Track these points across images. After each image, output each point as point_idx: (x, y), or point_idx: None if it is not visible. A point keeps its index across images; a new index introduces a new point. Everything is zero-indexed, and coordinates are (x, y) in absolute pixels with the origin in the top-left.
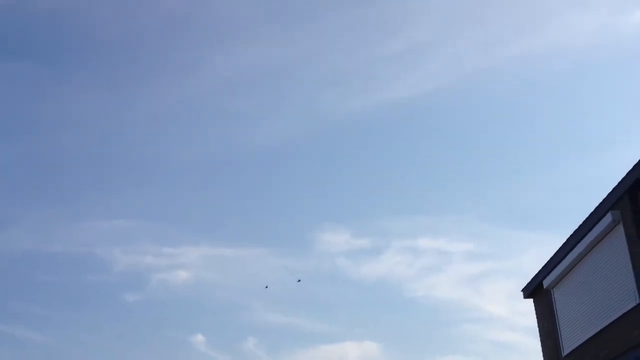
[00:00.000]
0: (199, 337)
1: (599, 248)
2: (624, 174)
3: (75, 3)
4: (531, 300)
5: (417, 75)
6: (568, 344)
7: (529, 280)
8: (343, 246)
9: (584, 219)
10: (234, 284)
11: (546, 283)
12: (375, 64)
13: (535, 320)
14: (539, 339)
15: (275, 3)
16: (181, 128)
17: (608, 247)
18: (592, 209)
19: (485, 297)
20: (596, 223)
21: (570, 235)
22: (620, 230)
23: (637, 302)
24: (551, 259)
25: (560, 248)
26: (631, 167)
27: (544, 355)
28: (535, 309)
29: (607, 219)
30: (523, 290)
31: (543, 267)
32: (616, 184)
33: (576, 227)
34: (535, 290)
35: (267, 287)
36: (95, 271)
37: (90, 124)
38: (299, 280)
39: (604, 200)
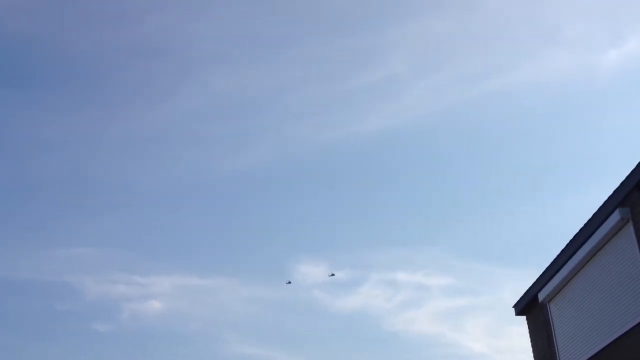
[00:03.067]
0: None
1: (604, 251)
2: (633, 167)
3: (51, 28)
4: (524, 317)
5: (393, 107)
6: None
7: (521, 295)
8: (319, 278)
9: (588, 219)
10: (207, 315)
11: (542, 296)
12: (351, 95)
13: (529, 339)
14: None
15: (252, 32)
16: (154, 154)
17: (615, 250)
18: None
19: (465, 332)
20: (602, 223)
21: (571, 240)
22: (629, 230)
23: None
24: (547, 268)
25: (559, 255)
26: None
27: None
28: (529, 327)
29: (615, 217)
30: (515, 306)
31: (538, 279)
32: (624, 177)
33: (579, 228)
34: (528, 305)
35: (289, 282)
36: (65, 300)
37: (61, 148)
38: (289, 282)
39: (611, 196)
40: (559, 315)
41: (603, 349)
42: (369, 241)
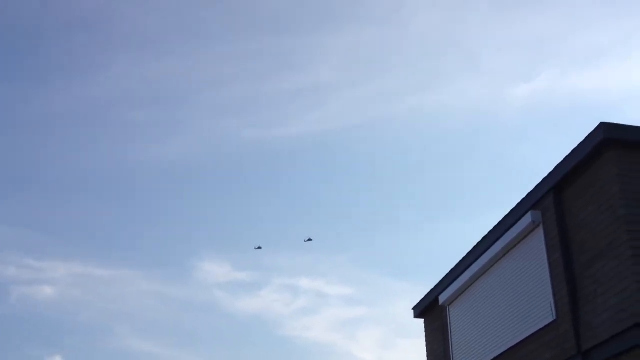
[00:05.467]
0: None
1: (513, 254)
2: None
3: None
4: (421, 320)
5: (317, 114)
6: None
7: (422, 296)
8: (222, 277)
9: (499, 221)
10: (102, 306)
11: (443, 298)
12: (278, 97)
13: (425, 343)
14: None
15: (188, 22)
16: (72, 133)
17: (524, 253)
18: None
19: (357, 342)
20: (513, 225)
21: (480, 241)
22: (539, 234)
23: (553, 318)
24: (453, 269)
25: (465, 257)
26: (559, 162)
27: None
28: (425, 330)
29: (526, 220)
30: (414, 308)
31: (442, 280)
32: (540, 180)
33: (490, 229)
34: (428, 308)
35: (260, 247)
36: None
37: None
38: (259, 248)
39: (524, 199)
40: (457, 319)
41: (502, 354)
42: (275, 244)
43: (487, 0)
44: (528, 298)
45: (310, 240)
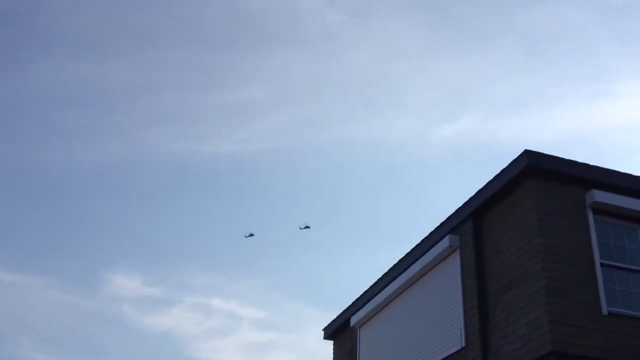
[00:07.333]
0: None
1: (428, 278)
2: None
3: None
4: (331, 342)
5: (242, 133)
6: None
7: (333, 317)
8: (132, 292)
9: (417, 243)
10: (3, 313)
11: (354, 320)
12: (206, 112)
13: None
14: None
15: (125, 26)
16: None
17: (439, 278)
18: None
19: None
20: (430, 248)
21: (397, 263)
22: (456, 259)
23: (462, 345)
24: (367, 291)
25: (381, 278)
26: (479, 188)
27: None
28: (334, 352)
29: (444, 243)
30: (325, 329)
31: (355, 302)
32: (461, 204)
33: (407, 250)
34: (338, 329)
35: (252, 234)
36: None
37: None
38: (251, 235)
39: (444, 222)
40: (367, 341)
41: None
42: (190, 262)
43: (417, 41)
44: (439, 323)
45: (252, 235)
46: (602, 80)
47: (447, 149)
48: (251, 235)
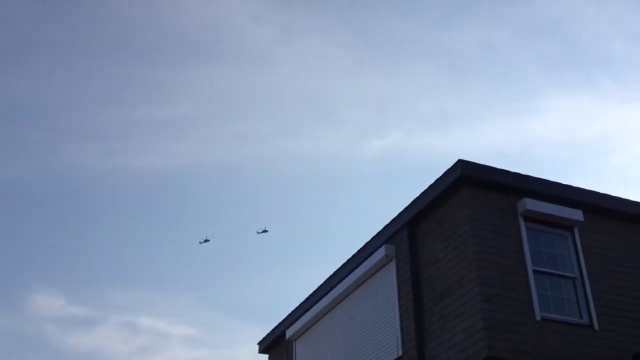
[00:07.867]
0: None
1: (364, 288)
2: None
3: None
4: (266, 356)
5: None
6: None
7: (269, 331)
8: (54, 311)
9: (354, 253)
10: None
11: (289, 333)
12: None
13: None
14: None
15: (53, 39)
16: None
17: (375, 288)
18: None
19: None
20: (366, 258)
21: (332, 274)
22: (392, 268)
23: (399, 354)
24: (302, 303)
25: (317, 289)
26: (414, 198)
27: None
28: None
29: (380, 253)
30: (259, 343)
31: (290, 314)
32: (396, 214)
33: (343, 261)
34: (273, 343)
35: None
36: None
37: None
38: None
39: (380, 232)
40: (303, 354)
41: None
42: (115, 280)
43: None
44: (376, 333)
45: (207, 240)
46: (525, 98)
47: (378, 162)
48: (207, 241)
